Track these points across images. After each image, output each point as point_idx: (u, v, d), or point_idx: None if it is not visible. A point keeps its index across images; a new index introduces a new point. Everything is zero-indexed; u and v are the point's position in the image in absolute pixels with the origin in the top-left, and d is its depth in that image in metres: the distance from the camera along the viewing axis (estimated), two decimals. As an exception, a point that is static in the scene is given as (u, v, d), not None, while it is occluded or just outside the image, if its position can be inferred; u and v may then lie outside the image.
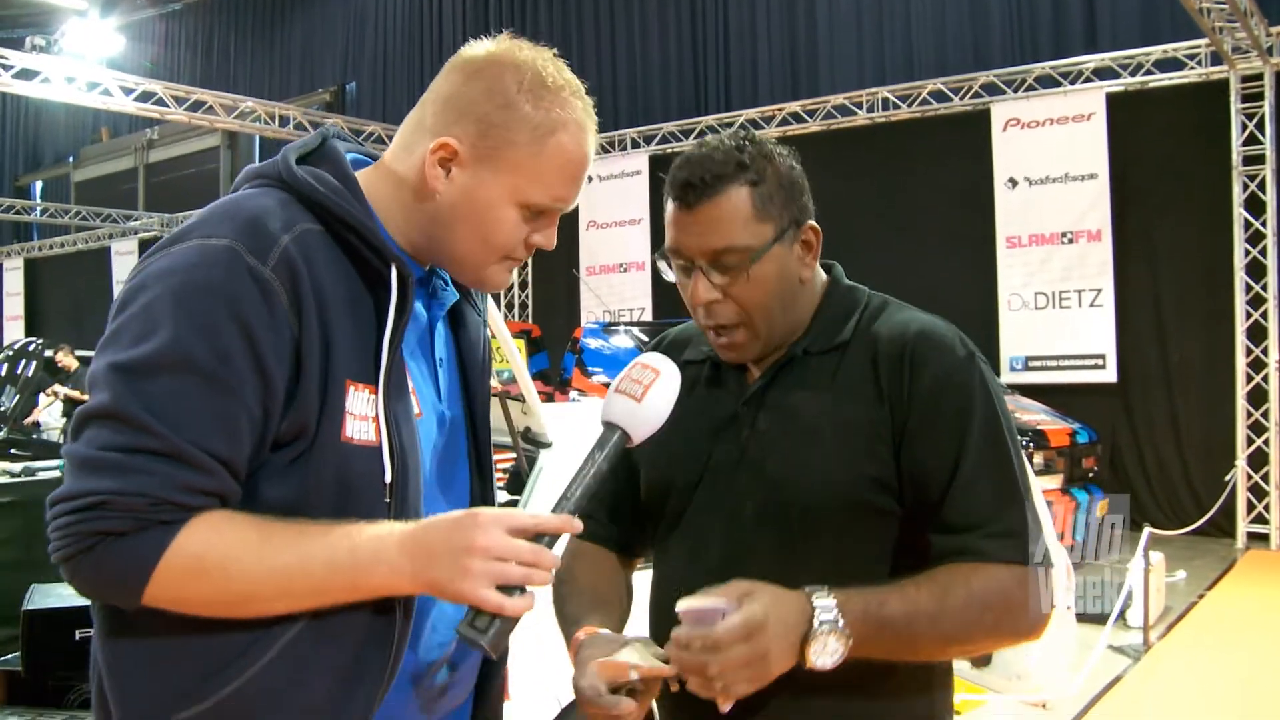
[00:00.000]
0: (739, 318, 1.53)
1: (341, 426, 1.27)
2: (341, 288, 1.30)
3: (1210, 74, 9.95)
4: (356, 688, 1.29)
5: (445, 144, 1.35)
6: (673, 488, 1.63)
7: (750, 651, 1.30)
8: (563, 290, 14.61)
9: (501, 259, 1.41)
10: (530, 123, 1.34)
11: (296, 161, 1.36)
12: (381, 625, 1.31)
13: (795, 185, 1.55)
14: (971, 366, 1.51)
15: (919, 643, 1.41)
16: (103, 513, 1.16)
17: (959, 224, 11.25)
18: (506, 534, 1.24)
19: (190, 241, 1.25)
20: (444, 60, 1.46)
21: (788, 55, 13.57)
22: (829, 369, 1.56)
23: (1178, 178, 10.20)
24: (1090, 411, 9.80)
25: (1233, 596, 7.69)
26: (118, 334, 1.23)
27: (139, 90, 12.15)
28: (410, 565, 1.24)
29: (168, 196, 21.37)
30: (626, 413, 1.37)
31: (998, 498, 1.47)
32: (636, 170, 13.64)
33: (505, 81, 1.35)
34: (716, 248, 1.50)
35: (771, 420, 1.56)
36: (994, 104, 11.02)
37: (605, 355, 11.31)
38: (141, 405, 1.17)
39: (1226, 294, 9.74)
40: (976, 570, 1.43)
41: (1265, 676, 5.77)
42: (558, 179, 1.37)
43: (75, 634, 4.14)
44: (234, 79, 20.25)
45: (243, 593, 1.22)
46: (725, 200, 1.49)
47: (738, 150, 1.52)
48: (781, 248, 1.53)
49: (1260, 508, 9.53)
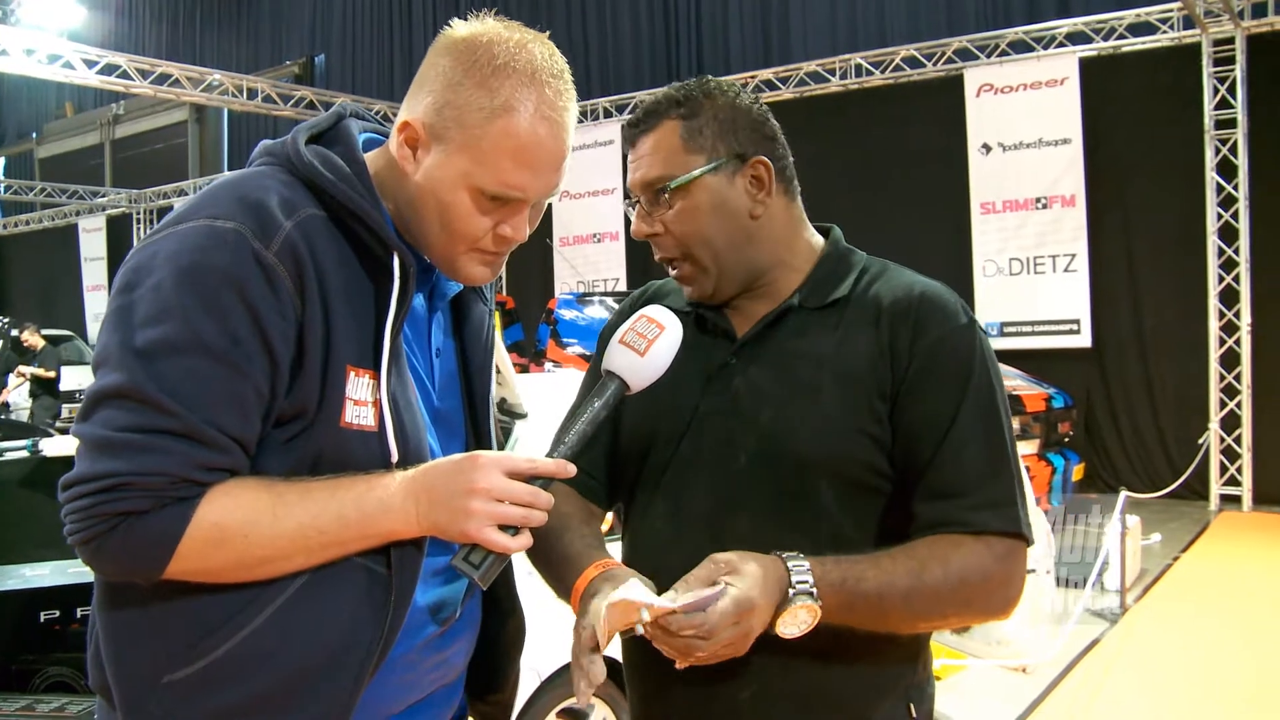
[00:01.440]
0: (678, 250, 1.57)
1: (341, 411, 1.29)
2: (343, 274, 1.31)
3: (1182, 38, 9.95)
4: (347, 658, 1.30)
5: (405, 123, 1.35)
6: (656, 438, 1.61)
7: (738, 631, 1.30)
8: (537, 261, 14.55)
9: (469, 250, 1.37)
10: (477, 103, 1.31)
11: (308, 141, 1.36)
12: (375, 601, 1.32)
13: (739, 120, 1.56)
14: (973, 334, 1.51)
15: (889, 617, 1.41)
16: (124, 493, 1.19)
17: (933, 190, 11.25)
18: (504, 476, 1.28)
19: (197, 221, 1.26)
20: (414, 32, 1.46)
21: (760, 22, 13.53)
22: (829, 323, 1.54)
23: (1151, 142, 10.22)
24: (1065, 376, 9.86)
25: (1207, 558, 7.76)
26: (125, 313, 1.23)
27: (102, 63, 11.95)
28: (415, 509, 1.28)
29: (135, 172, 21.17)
30: (629, 365, 1.41)
31: (987, 465, 1.45)
32: (609, 140, 13.56)
33: (463, 61, 1.33)
34: (648, 179, 1.55)
35: (766, 371, 1.54)
36: (967, 69, 10.99)
37: (580, 326, 11.27)
38: (156, 385, 1.19)
39: (1199, 258, 9.78)
40: (957, 546, 1.41)
41: (1239, 637, 5.84)
42: (508, 165, 1.32)
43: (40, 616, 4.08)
44: (200, 52, 20.02)
45: (262, 555, 1.25)
46: (657, 132, 1.55)
47: (679, 90, 1.57)
48: (714, 178, 1.54)
49: (1233, 470, 9.62)
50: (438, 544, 1.40)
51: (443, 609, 1.45)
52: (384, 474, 1.30)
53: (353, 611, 1.31)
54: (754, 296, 1.60)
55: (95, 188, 20.88)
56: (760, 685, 1.48)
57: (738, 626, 1.29)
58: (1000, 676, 5.08)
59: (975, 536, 1.42)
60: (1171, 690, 5.04)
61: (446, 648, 1.48)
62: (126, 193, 19.90)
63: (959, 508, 1.43)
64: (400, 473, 1.30)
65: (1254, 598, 6.62)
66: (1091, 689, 5.01)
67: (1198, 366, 9.83)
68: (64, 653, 3.29)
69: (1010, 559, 1.44)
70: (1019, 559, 1.45)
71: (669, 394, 1.57)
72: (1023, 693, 4.91)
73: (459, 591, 1.49)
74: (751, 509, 1.50)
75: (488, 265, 1.41)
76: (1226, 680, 5.14)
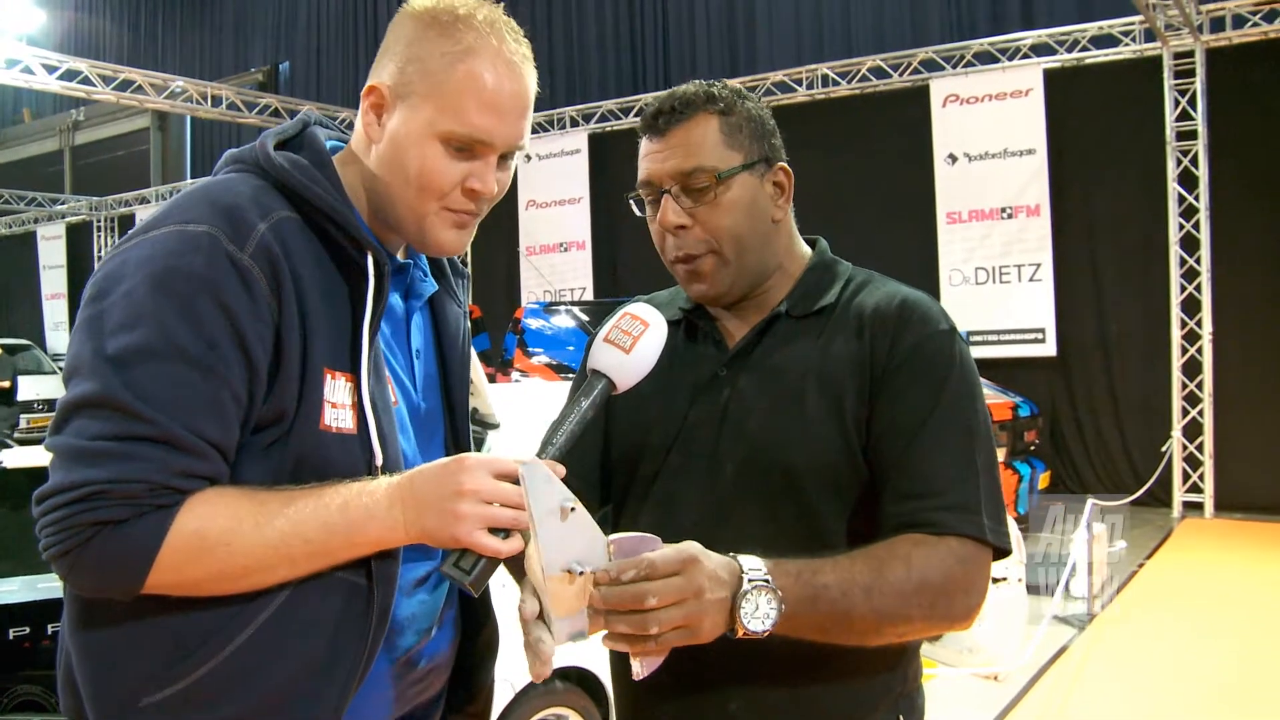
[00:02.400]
0: (707, 245, 1.54)
1: (320, 414, 1.27)
2: (317, 276, 1.30)
3: (1144, 51, 10.07)
4: (330, 678, 1.28)
5: (372, 87, 1.37)
6: (646, 449, 1.60)
7: (685, 584, 1.20)
8: (503, 270, 14.49)
9: (440, 208, 1.36)
10: (439, 49, 1.33)
11: (275, 148, 1.35)
12: (356, 616, 1.30)
13: (765, 125, 1.60)
14: (952, 340, 1.51)
15: (853, 617, 1.33)
16: (101, 502, 1.16)
17: (900, 200, 11.32)
18: (492, 478, 1.24)
19: (168, 228, 1.24)
20: (379, 38, 1.47)
21: (726, 31, 13.58)
22: (814, 332, 1.55)
23: (1114, 153, 10.33)
24: (1031, 385, 9.97)
25: (1171, 565, 7.85)
26: (97, 321, 1.21)
27: (64, 69, 11.78)
28: (402, 515, 1.24)
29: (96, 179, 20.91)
30: (615, 363, 1.38)
31: (956, 468, 1.44)
32: (576, 149, 13.56)
33: (423, 20, 1.36)
34: (685, 169, 1.52)
35: (754, 381, 1.54)
36: (933, 80, 11.08)
37: (546, 335, 11.24)
38: (132, 393, 1.16)
39: (1162, 267, 9.89)
40: (919, 544, 1.39)
41: (1204, 642, 5.90)
42: (472, 105, 1.32)
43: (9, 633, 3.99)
44: (162, 59, 19.83)
45: (245, 565, 1.21)
46: (695, 124, 1.53)
47: (709, 86, 1.57)
48: (751, 177, 1.55)
49: (1195, 477, 9.71)
50: (413, 553, 1.38)
51: (420, 620, 1.44)
52: (368, 481, 1.27)
53: (335, 626, 1.28)
54: (747, 304, 1.61)
55: (54, 195, 20.59)
56: (749, 697, 1.47)
57: (684, 577, 1.20)
58: (972, 684, 5.11)
59: (939, 537, 1.39)
60: (1140, 695, 5.09)
61: (426, 661, 1.46)
62: (87, 200, 19.65)
63: (925, 508, 1.41)
64: (385, 479, 1.28)
65: (1218, 603, 6.70)
66: (1062, 695, 5.05)
67: (1161, 374, 9.93)
68: (34, 670, 3.21)
69: (972, 564, 1.40)
70: (982, 566, 1.42)
71: (659, 404, 1.58)
72: (994, 699, 4.94)
73: (437, 602, 1.47)
74: (740, 518, 1.48)
75: (459, 228, 1.39)
76: (1193, 684, 5.20)
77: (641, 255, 13.14)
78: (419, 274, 1.49)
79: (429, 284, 1.51)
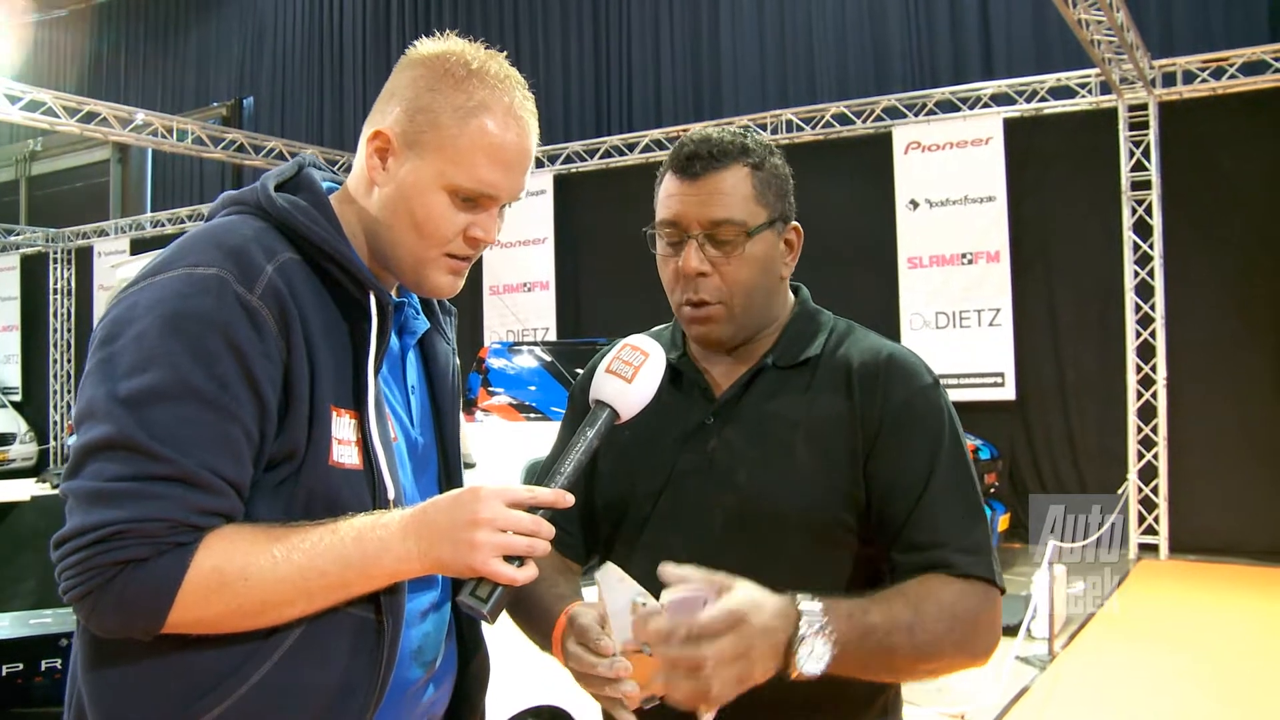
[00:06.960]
0: (721, 295, 1.56)
1: (329, 451, 1.29)
2: (321, 315, 1.32)
3: (1100, 102, 10.30)
4: (345, 709, 1.29)
5: (378, 132, 1.38)
6: (633, 497, 1.62)
7: (736, 643, 1.22)
8: (466, 311, 14.46)
9: (441, 255, 1.40)
10: (452, 104, 1.35)
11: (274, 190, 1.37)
12: (367, 649, 1.30)
13: (788, 184, 1.62)
14: (938, 393, 1.56)
15: (896, 654, 1.37)
16: (121, 542, 1.16)
17: (862, 245, 11.42)
18: (506, 506, 1.26)
19: (176, 270, 1.26)
20: (344, 76, 1.51)
21: (691, 75, 13.69)
22: (801, 384, 1.58)
23: (1071, 201, 10.53)
24: (990, 428, 10.08)
25: (1127, 606, 7.91)
26: (108, 365, 1.22)
27: (26, 99, 11.67)
28: (417, 546, 1.26)
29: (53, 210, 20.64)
30: (618, 392, 1.41)
31: (965, 516, 1.50)
32: (541, 190, 13.59)
33: (435, 69, 1.37)
34: (716, 218, 1.54)
35: (741, 431, 1.57)
36: (895, 127, 11.26)
37: (509, 375, 11.21)
38: (147, 433, 1.18)
39: (1118, 314, 10.07)
40: (947, 584, 1.44)
41: (1161, 680, 5.97)
42: (483, 161, 1.36)
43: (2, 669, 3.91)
44: (124, 92, 19.64)
45: (263, 600, 1.22)
46: (729, 174, 1.56)
47: (742, 137, 1.60)
48: (771, 234, 1.58)
49: (1150, 520, 9.84)
50: (417, 585, 1.39)
51: (426, 653, 1.44)
52: (381, 514, 1.29)
53: (347, 661, 1.29)
54: (735, 351, 1.64)
55: (9, 225, 20.31)
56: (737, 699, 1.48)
57: (734, 634, 1.22)
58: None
59: (962, 579, 1.44)
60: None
61: (430, 694, 1.47)
62: (43, 231, 19.39)
63: (941, 553, 1.46)
64: (398, 511, 1.29)
65: (1174, 643, 6.78)
66: (1026, 736, 5.07)
67: (1117, 418, 10.08)
68: (26, 708, 3.14)
69: (991, 603, 1.47)
70: (997, 604, 1.49)
71: (645, 452, 1.60)
72: (960, 739, 4.96)
73: (441, 634, 1.48)
74: (729, 566, 1.48)
75: (454, 274, 1.43)
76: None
77: (605, 296, 13.19)
78: (411, 311, 1.52)
79: (421, 321, 1.54)
